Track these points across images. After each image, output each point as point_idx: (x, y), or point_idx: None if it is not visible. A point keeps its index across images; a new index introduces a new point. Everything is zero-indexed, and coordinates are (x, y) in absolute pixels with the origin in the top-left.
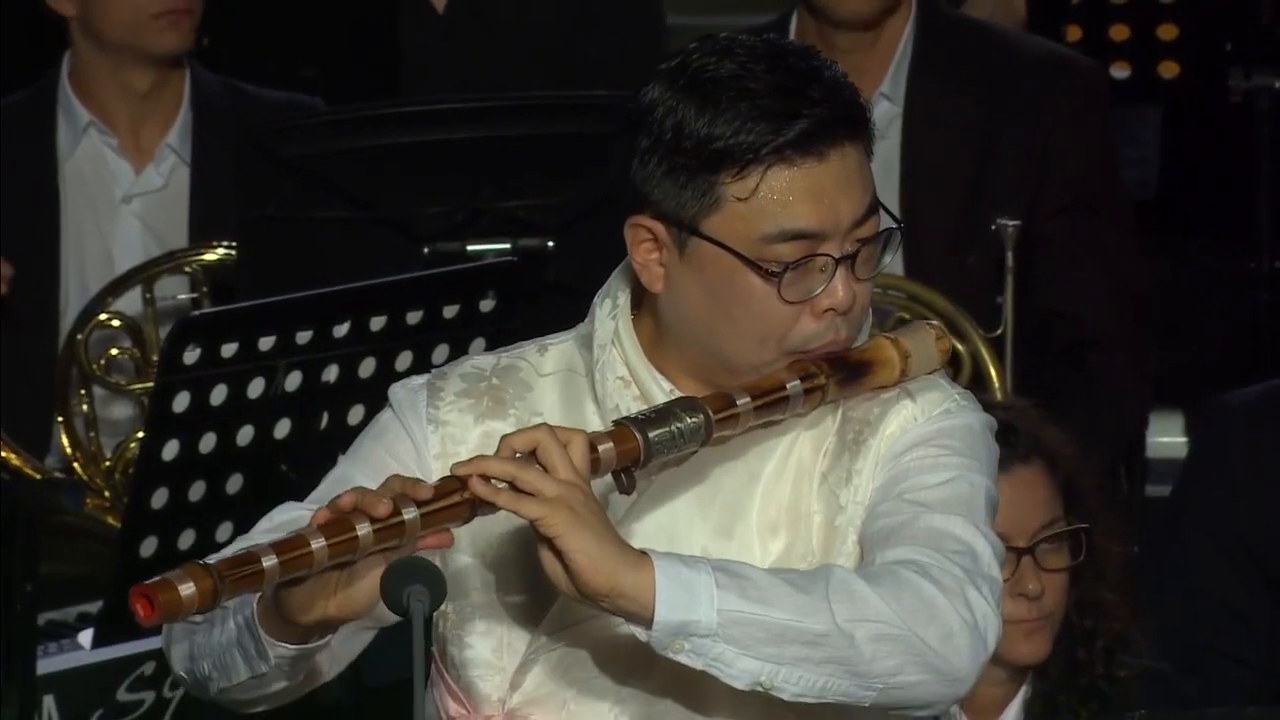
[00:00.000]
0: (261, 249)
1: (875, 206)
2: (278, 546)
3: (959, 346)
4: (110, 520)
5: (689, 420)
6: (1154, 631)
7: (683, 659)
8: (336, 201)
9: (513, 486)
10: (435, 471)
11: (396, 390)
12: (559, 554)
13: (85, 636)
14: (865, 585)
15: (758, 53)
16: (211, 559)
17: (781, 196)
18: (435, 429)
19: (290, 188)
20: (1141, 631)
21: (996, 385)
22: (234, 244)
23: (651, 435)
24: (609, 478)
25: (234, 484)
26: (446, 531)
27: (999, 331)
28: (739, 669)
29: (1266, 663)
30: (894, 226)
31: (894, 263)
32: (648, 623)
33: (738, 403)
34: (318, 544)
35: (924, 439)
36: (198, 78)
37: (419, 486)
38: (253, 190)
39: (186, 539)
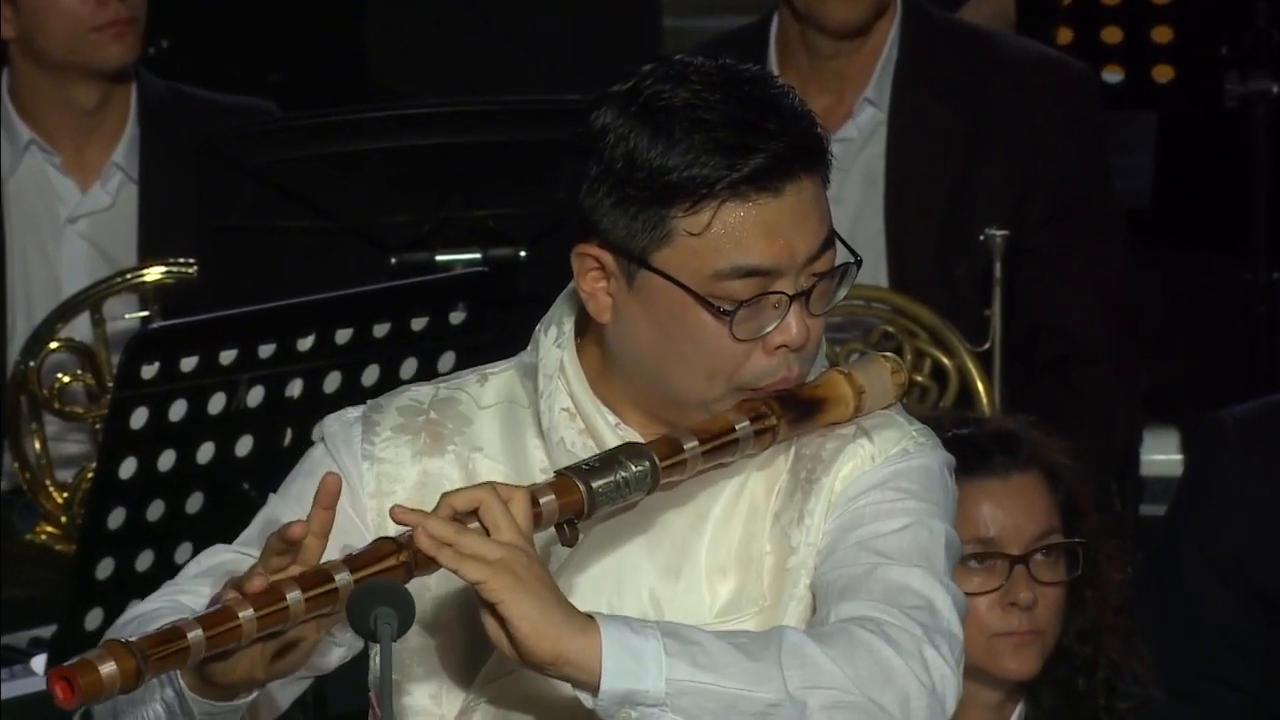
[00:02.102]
0: (223, 260)
1: (831, 240)
2: (204, 621)
3: (945, 360)
4: (63, 548)
5: (634, 469)
6: (1150, 658)
7: None
8: (300, 210)
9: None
10: (370, 510)
11: (330, 424)
12: (501, 620)
13: (38, 662)
14: (818, 649)
15: (713, 80)
16: (134, 636)
17: (735, 232)
18: (371, 465)
19: (252, 196)
20: (1139, 659)
21: (984, 400)
22: (187, 261)
23: (595, 485)
24: (552, 529)
25: (194, 503)
26: None
27: (986, 345)
28: None
29: (1264, 690)
30: (850, 261)
31: (878, 274)
32: (594, 689)
33: (685, 448)
34: (246, 615)
35: (880, 482)
36: (144, 88)
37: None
38: (213, 199)
39: (144, 560)
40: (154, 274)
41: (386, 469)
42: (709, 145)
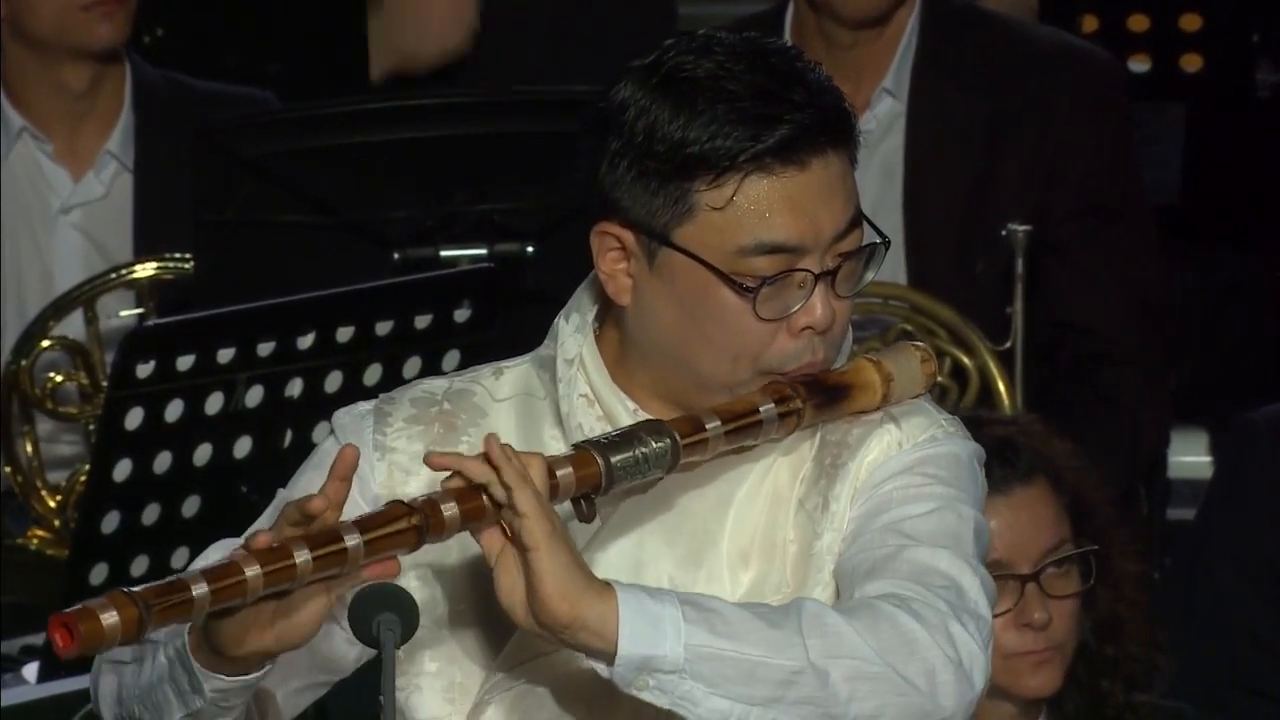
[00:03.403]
0: (219, 256)
1: (859, 219)
2: (209, 574)
3: (966, 360)
4: (55, 552)
5: (654, 445)
6: (1178, 665)
7: (647, 696)
8: (300, 205)
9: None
10: (380, 500)
11: (341, 416)
12: (528, 571)
13: (30, 670)
14: (840, 619)
15: (737, 51)
16: (137, 587)
17: (759, 207)
18: (382, 456)
19: (250, 190)
20: (1163, 661)
21: (1005, 401)
22: (183, 256)
23: (614, 460)
24: (568, 505)
25: (190, 506)
26: (393, 559)
27: (1008, 344)
28: (707, 708)
29: None
30: (878, 241)
31: (897, 270)
32: (610, 657)
33: (707, 427)
34: (252, 571)
35: (907, 467)
36: (139, 75)
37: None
38: (209, 193)
39: (139, 565)
40: (149, 270)
41: (398, 459)
42: (732, 116)
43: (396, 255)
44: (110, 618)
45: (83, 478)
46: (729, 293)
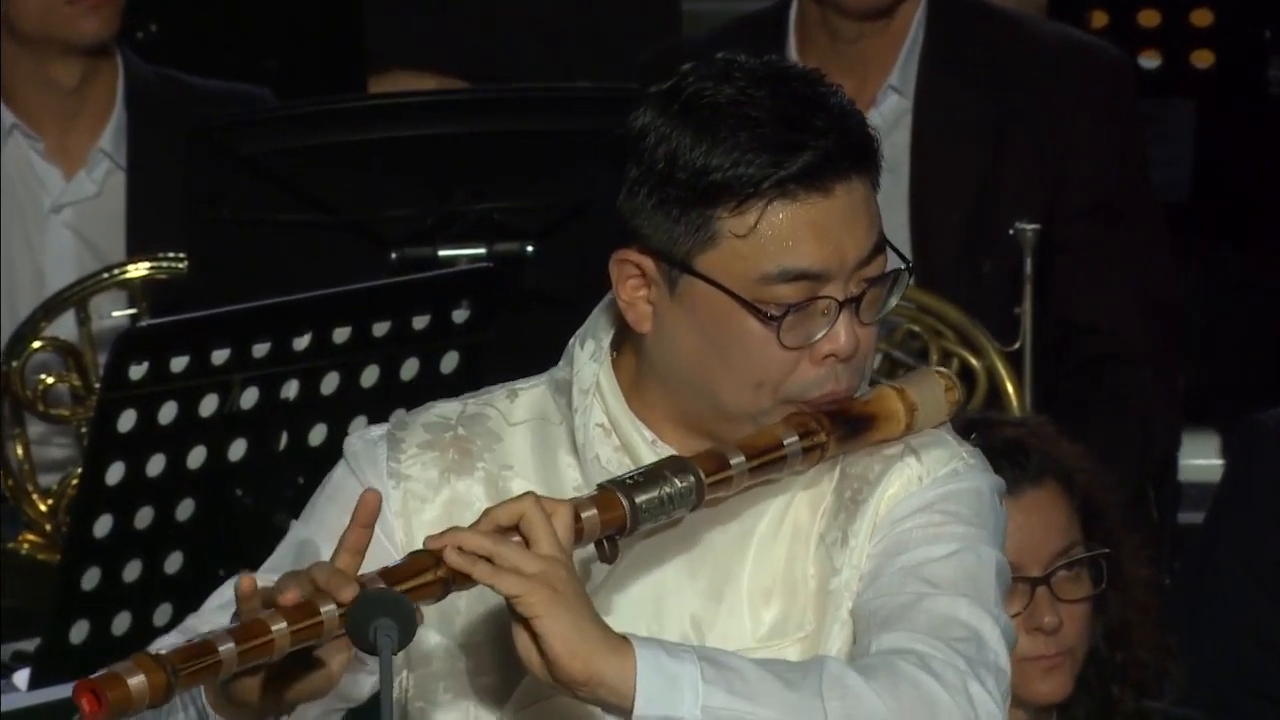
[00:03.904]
0: (214, 255)
1: (882, 244)
2: (236, 634)
3: (974, 361)
4: (46, 557)
5: (678, 484)
6: (1187, 669)
7: None
8: (296, 203)
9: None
10: (396, 530)
11: (353, 443)
12: (535, 636)
13: (21, 676)
14: (860, 681)
15: (758, 77)
16: (164, 648)
17: (783, 234)
18: (396, 484)
19: (245, 188)
20: (1174, 667)
21: (1014, 403)
22: (176, 255)
23: (639, 500)
24: (590, 546)
25: (184, 510)
26: (418, 611)
27: (1016, 345)
28: None
29: None
30: (902, 267)
31: None
32: (627, 715)
33: (731, 463)
34: (279, 629)
35: (928, 504)
36: (131, 71)
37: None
38: (204, 191)
39: (132, 570)
40: (142, 269)
41: (413, 487)
42: (755, 143)
43: (394, 255)
44: (138, 682)
45: (75, 481)
46: (752, 321)
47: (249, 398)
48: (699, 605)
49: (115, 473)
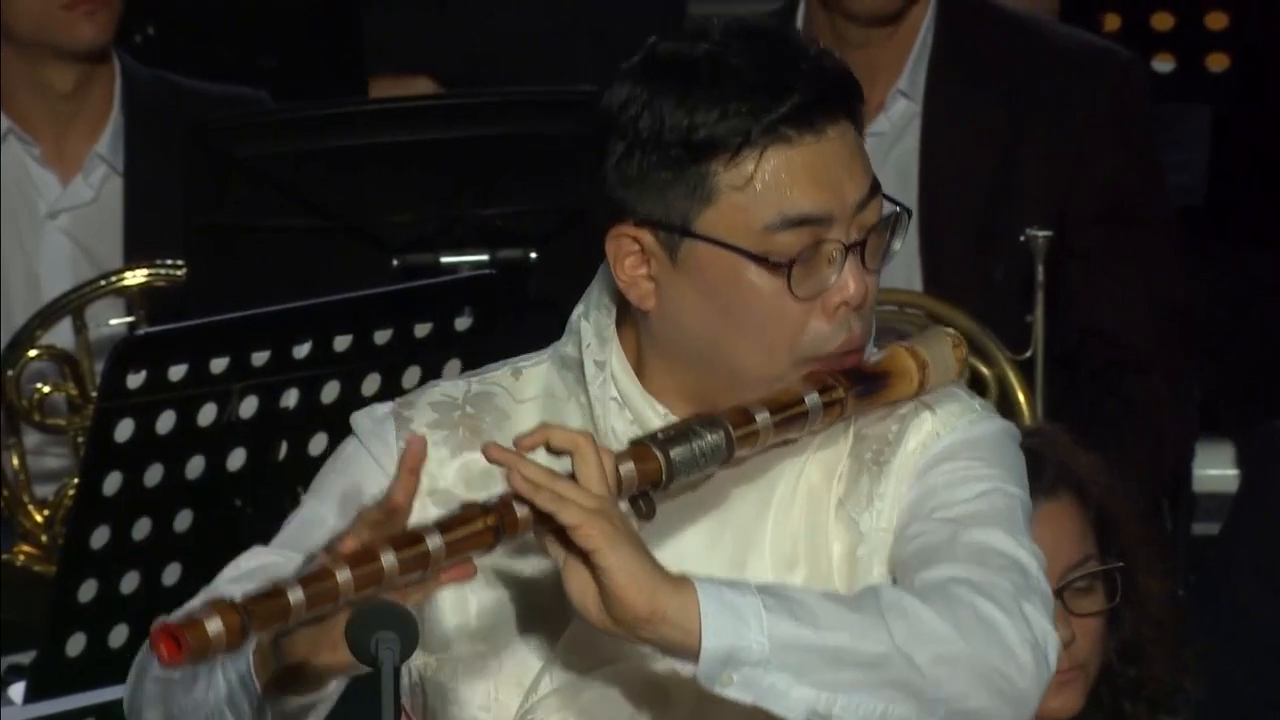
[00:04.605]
0: (212, 261)
1: (877, 187)
2: (303, 580)
3: (984, 370)
4: (43, 568)
5: (709, 437)
6: (1203, 683)
7: (730, 693)
8: (296, 208)
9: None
10: (411, 507)
11: (360, 419)
12: (596, 571)
13: (16, 690)
14: (918, 603)
15: (731, 30)
16: (235, 595)
17: (781, 180)
18: None
19: (245, 193)
20: (1189, 683)
21: (1025, 412)
22: (175, 262)
23: (673, 454)
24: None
25: (183, 521)
26: (469, 562)
27: (1028, 353)
28: (793, 699)
29: None
30: (897, 210)
31: (912, 276)
32: (693, 652)
33: (756, 418)
34: (343, 575)
35: (950, 453)
36: (129, 75)
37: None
38: (202, 197)
39: (130, 582)
40: (140, 276)
41: (426, 465)
42: (740, 90)
43: (396, 261)
44: (215, 625)
45: (71, 491)
46: (762, 274)
47: (248, 407)
48: (722, 574)
49: (112, 483)
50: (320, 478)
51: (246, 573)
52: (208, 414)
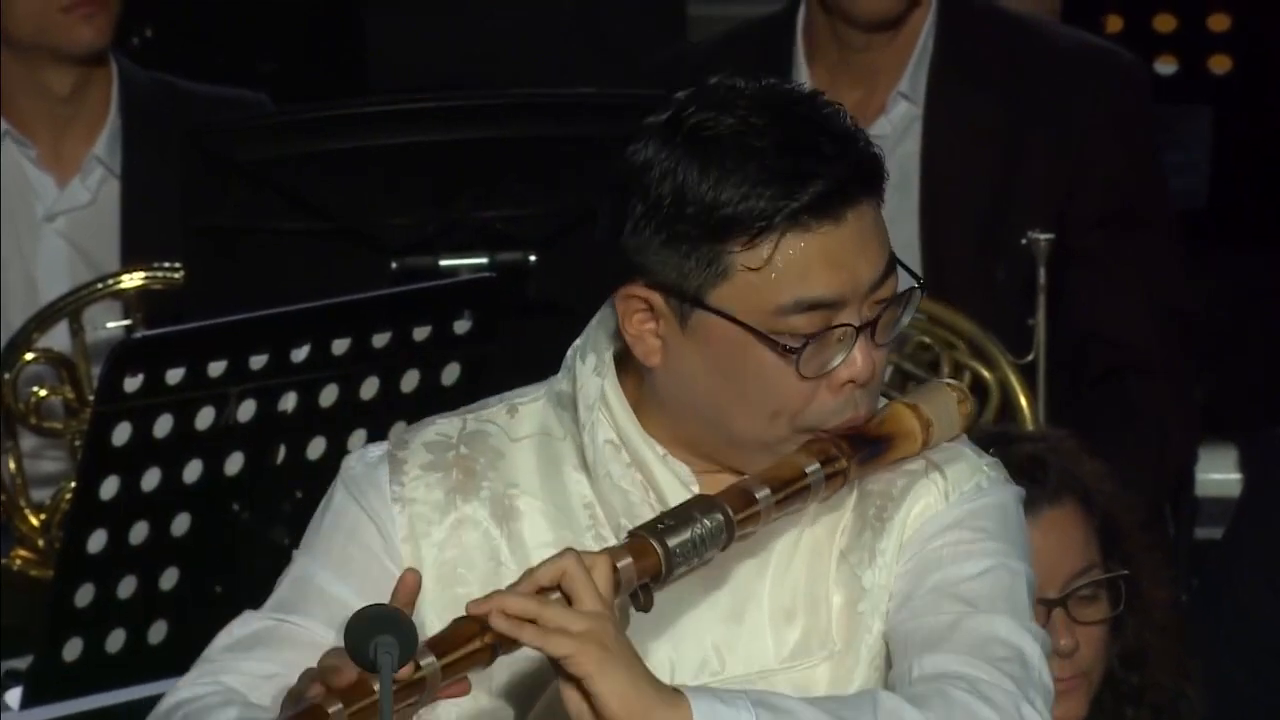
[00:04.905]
0: (210, 264)
1: (893, 265)
2: (294, 718)
3: (986, 373)
4: (39, 573)
5: (709, 524)
6: (1206, 689)
7: None
8: (295, 211)
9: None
10: (405, 556)
11: (353, 466)
12: (587, 695)
13: (13, 696)
14: (915, 712)
15: (759, 103)
16: None
17: (797, 265)
18: (402, 508)
19: (243, 195)
20: (1192, 688)
21: (1027, 416)
22: (172, 265)
23: (672, 544)
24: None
25: (180, 525)
26: (464, 680)
27: (1030, 357)
28: None
29: None
30: (914, 286)
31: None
32: None
33: (758, 497)
34: (335, 710)
35: (956, 522)
36: (126, 77)
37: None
38: (200, 199)
39: (127, 586)
40: (137, 279)
41: (419, 510)
42: (764, 175)
43: (394, 264)
44: None
45: (68, 495)
46: (769, 353)
47: (246, 410)
48: (719, 629)
49: (109, 487)
50: (311, 532)
51: (240, 640)
52: (205, 417)
